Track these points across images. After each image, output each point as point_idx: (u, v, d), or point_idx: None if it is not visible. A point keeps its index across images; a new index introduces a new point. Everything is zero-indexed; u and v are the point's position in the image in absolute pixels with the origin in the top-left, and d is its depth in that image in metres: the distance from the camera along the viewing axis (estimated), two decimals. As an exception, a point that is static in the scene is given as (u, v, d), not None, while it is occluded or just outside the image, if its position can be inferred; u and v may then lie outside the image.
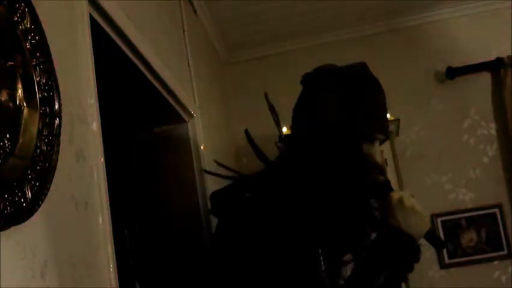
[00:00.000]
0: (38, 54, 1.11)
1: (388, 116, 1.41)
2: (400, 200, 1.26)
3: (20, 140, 1.02)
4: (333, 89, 1.37)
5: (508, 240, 3.70)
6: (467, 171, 3.80)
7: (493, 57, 3.80)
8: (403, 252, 1.26)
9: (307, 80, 1.45)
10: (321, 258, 1.22)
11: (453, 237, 3.74)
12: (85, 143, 1.38)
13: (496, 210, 3.73)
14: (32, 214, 1.03)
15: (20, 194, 0.99)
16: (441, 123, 3.86)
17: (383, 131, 1.34)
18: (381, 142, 1.39)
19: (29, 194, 1.02)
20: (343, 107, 1.33)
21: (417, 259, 1.31)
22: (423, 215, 1.28)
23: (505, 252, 3.70)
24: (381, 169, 1.32)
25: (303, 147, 1.34)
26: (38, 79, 1.10)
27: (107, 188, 1.44)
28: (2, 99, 1.00)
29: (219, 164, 1.50)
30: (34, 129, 1.06)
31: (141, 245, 2.27)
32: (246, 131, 1.51)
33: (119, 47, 1.83)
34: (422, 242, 3.84)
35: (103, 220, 1.39)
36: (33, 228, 1.05)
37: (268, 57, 3.99)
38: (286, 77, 3.17)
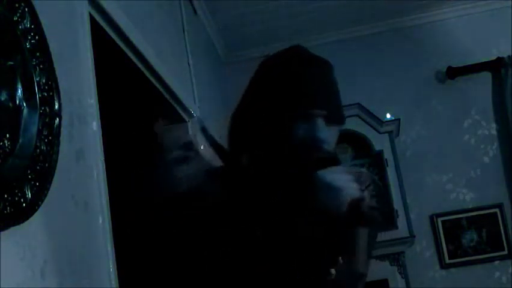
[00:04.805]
0: (37, 54, 1.11)
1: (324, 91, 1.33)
2: (318, 177, 1.22)
3: (20, 140, 1.02)
4: (265, 74, 1.35)
5: (509, 241, 3.69)
6: (467, 171, 3.79)
7: (493, 57, 3.80)
8: (323, 232, 1.21)
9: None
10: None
11: (453, 237, 3.73)
12: (85, 143, 1.38)
13: (497, 210, 3.73)
14: (31, 214, 1.03)
15: (19, 194, 0.99)
16: (442, 123, 3.85)
17: (320, 106, 1.29)
18: (335, 120, 1.33)
19: (29, 194, 1.02)
20: (273, 90, 1.29)
21: (343, 242, 1.25)
22: (341, 190, 1.20)
23: (506, 252, 3.69)
24: (316, 147, 1.27)
25: (241, 137, 1.34)
26: (37, 79, 1.09)
27: (107, 188, 1.44)
28: (2, 99, 1.00)
29: (204, 132, 1.46)
30: (34, 129, 1.06)
31: (141, 245, 2.27)
32: (198, 119, 1.48)
33: (119, 47, 1.83)
34: (424, 241, 3.82)
35: (102, 220, 1.39)
36: (33, 228, 1.05)
37: (268, 57, 3.98)
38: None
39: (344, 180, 1.21)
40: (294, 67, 1.29)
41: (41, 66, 1.11)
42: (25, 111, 1.05)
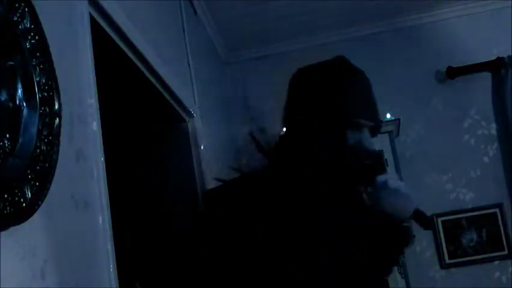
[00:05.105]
0: (37, 54, 1.11)
1: (375, 103, 1.40)
2: (385, 183, 1.25)
3: (20, 140, 1.02)
4: (314, 84, 1.37)
5: (509, 241, 3.69)
6: (467, 171, 3.79)
7: (493, 57, 3.80)
8: (389, 236, 1.26)
9: (293, 80, 1.46)
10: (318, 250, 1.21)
11: (453, 237, 3.73)
12: (85, 143, 1.38)
13: (497, 210, 3.73)
14: (31, 214, 1.03)
15: (19, 194, 0.99)
16: (442, 123, 3.85)
17: (368, 117, 1.33)
18: (375, 130, 1.37)
19: (29, 194, 1.02)
20: (325, 100, 1.32)
21: (407, 242, 1.31)
22: (409, 196, 1.26)
23: (506, 252, 3.69)
24: (365, 155, 1.31)
25: (293, 144, 1.35)
26: (37, 79, 1.10)
27: (107, 188, 1.44)
28: (2, 99, 1.00)
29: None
30: (34, 129, 1.06)
31: (141, 245, 2.27)
32: (251, 134, 1.51)
33: (119, 47, 1.83)
34: (424, 241, 3.81)
35: (103, 220, 1.39)
36: (33, 228, 1.05)
37: (268, 57, 3.98)
38: (286, 77, 3.16)
39: (407, 188, 1.26)
40: (345, 78, 1.37)
41: (41, 66, 1.11)
42: (25, 111, 1.05)
